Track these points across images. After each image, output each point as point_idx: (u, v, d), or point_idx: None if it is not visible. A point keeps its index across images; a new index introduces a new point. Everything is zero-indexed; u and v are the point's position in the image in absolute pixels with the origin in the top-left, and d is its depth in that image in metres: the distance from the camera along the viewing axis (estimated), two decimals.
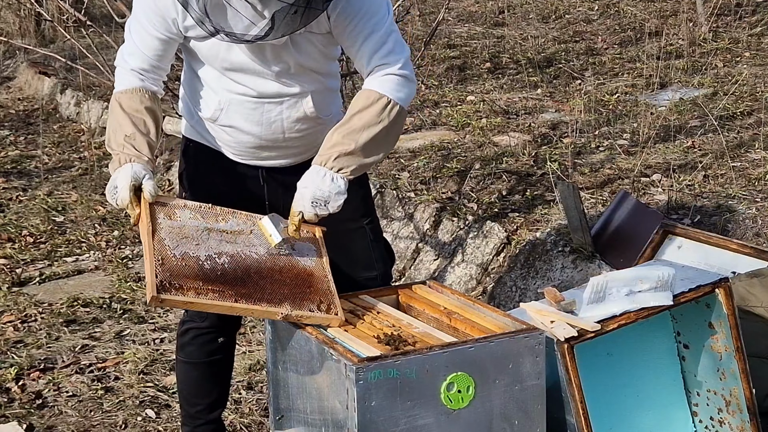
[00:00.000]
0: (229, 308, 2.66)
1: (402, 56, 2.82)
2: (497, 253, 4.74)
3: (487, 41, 8.38)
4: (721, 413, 3.14)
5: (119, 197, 2.73)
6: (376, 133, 2.76)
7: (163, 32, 2.85)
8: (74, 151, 7.84)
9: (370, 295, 2.97)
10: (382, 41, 2.80)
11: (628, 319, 2.85)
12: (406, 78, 2.82)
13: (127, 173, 2.73)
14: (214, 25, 2.71)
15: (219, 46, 2.82)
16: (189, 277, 2.63)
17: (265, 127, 2.95)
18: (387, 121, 2.77)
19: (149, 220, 2.70)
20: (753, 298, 3.44)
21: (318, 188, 2.73)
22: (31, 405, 3.98)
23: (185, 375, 3.30)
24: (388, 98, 2.78)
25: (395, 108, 2.78)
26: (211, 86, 2.94)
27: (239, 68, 2.86)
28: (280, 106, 2.93)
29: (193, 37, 2.85)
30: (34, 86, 9.73)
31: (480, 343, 2.60)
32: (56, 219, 6.28)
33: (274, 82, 2.88)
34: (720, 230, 4.36)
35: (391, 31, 2.82)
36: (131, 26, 2.90)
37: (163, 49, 2.88)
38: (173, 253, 2.66)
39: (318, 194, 2.73)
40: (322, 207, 2.74)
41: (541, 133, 5.98)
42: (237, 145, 3.01)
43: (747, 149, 5.34)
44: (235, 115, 2.94)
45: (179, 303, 2.65)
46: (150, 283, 2.58)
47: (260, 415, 3.84)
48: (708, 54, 7.25)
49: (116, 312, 4.84)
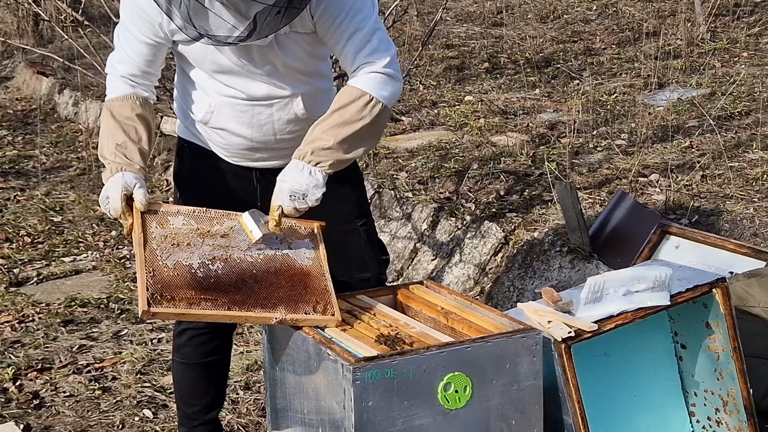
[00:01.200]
0: (222, 316, 2.66)
1: (387, 54, 2.81)
2: (495, 253, 4.74)
3: (485, 41, 8.38)
4: (719, 413, 3.14)
5: (111, 207, 2.75)
6: (356, 129, 2.76)
7: (151, 37, 2.84)
8: (72, 151, 7.84)
9: (367, 295, 2.97)
10: (367, 39, 2.80)
11: (625, 319, 2.85)
12: (390, 76, 2.81)
13: (118, 183, 2.74)
14: (198, 30, 2.71)
15: (206, 49, 2.82)
16: (181, 287, 2.63)
17: (256, 129, 2.95)
18: (368, 119, 2.77)
19: (141, 230, 2.71)
20: (751, 298, 3.44)
21: (296, 182, 2.73)
22: (28, 405, 3.98)
23: (182, 376, 3.29)
24: (370, 96, 2.77)
25: (377, 106, 2.78)
26: (202, 88, 2.94)
27: (228, 71, 2.86)
28: (270, 108, 2.93)
29: (180, 41, 2.85)
30: (32, 86, 9.73)
31: (477, 343, 2.60)
32: (54, 219, 6.28)
33: (264, 84, 2.88)
34: (717, 230, 4.36)
35: (375, 29, 2.81)
36: (119, 33, 2.90)
37: (152, 54, 2.88)
38: (165, 264, 2.66)
39: (296, 188, 2.73)
40: (300, 200, 2.74)
41: (539, 133, 5.98)
42: (229, 147, 3.01)
43: (745, 149, 5.34)
44: (226, 118, 2.94)
45: (171, 315, 2.66)
46: (141, 297, 2.57)
47: (258, 415, 3.84)
48: (706, 54, 7.25)
49: (114, 312, 4.83)
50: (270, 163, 3.04)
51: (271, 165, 3.04)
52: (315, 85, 2.98)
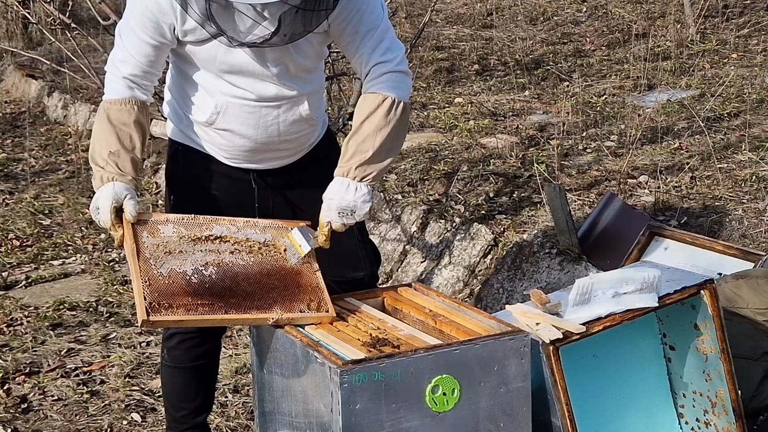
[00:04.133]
0: (220, 320, 2.70)
1: (399, 53, 2.89)
2: (484, 255, 4.74)
3: (475, 43, 8.39)
4: (707, 414, 3.14)
5: (101, 219, 2.77)
6: (388, 133, 2.83)
7: (156, 38, 2.82)
8: (61, 154, 7.81)
9: (355, 298, 2.97)
10: (380, 39, 2.86)
11: (613, 321, 2.85)
12: (404, 73, 2.89)
13: (109, 194, 2.74)
14: (219, 28, 2.70)
15: (217, 49, 2.81)
16: (178, 295, 2.65)
17: (261, 130, 2.95)
18: (395, 120, 2.84)
19: (133, 240, 2.72)
20: (739, 300, 3.44)
21: (343, 198, 2.81)
22: (16, 409, 3.96)
23: (170, 379, 3.28)
24: (392, 98, 2.84)
25: (400, 105, 2.85)
26: (207, 90, 2.92)
27: (238, 71, 2.85)
28: (277, 109, 2.94)
29: (190, 42, 2.83)
30: (21, 89, 9.70)
31: (465, 346, 2.59)
32: (43, 222, 6.26)
33: (274, 84, 2.89)
34: (706, 232, 4.37)
35: (387, 28, 2.89)
36: (122, 32, 2.88)
37: (155, 55, 2.87)
38: (159, 272, 2.68)
39: (343, 204, 2.81)
40: (349, 216, 2.83)
41: (528, 135, 5.98)
42: (231, 149, 3.00)
43: (734, 151, 5.35)
44: (232, 119, 2.93)
45: (171, 322, 2.70)
46: (139, 306, 2.60)
47: (246, 418, 3.83)
48: (695, 55, 7.27)
49: (102, 315, 4.82)
50: (269, 164, 3.04)
51: (270, 166, 3.04)
52: (315, 85, 3.02)
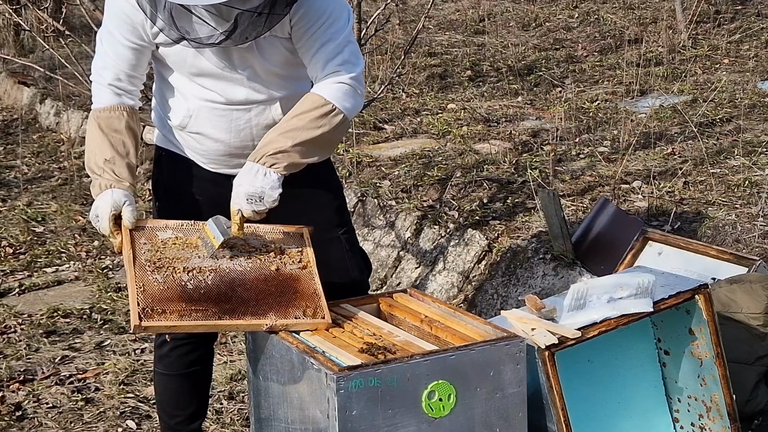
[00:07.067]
0: (213, 326, 2.70)
1: (356, 68, 2.84)
2: (478, 261, 4.75)
3: (467, 49, 8.39)
4: (702, 419, 3.14)
5: (100, 227, 2.78)
6: (314, 136, 2.78)
7: (135, 40, 2.85)
8: (54, 161, 7.79)
9: (351, 304, 2.96)
10: (338, 50, 2.82)
11: (608, 326, 2.85)
12: (355, 90, 2.84)
13: (108, 201, 2.76)
14: (180, 31, 2.72)
15: (186, 52, 2.83)
16: (172, 300, 2.66)
17: (234, 134, 2.95)
18: (327, 128, 2.79)
19: (130, 247, 2.73)
20: (733, 304, 3.45)
21: (251, 184, 2.75)
22: (10, 417, 3.95)
23: (164, 386, 3.28)
24: (333, 105, 2.79)
25: (338, 116, 2.80)
26: (181, 93, 2.94)
27: (207, 73, 2.87)
28: (248, 113, 2.93)
29: (161, 43, 2.85)
30: (13, 96, 9.68)
31: (461, 351, 2.60)
32: (36, 229, 6.25)
33: (243, 87, 2.89)
34: (700, 237, 4.38)
35: (348, 41, 2.84)
36: (102, 37, 2.90)
37: (136, 58, 2.88)
38: (155, 278, 2.68)
39: (251, 190, 2.74)
40: (258, 203, 2.75)
41: (521, 141, 5.99)
42: (207, 153, 3.01)
43: (726, 156, 5.37)
44: (204, 122, 2.94)
45: (163, 328, 2.69)
46: (132, 312, 2.61)
47: (242, 425, 3.82)
48: (687, 61, 7.29)
49: (96, 322, 4.81)
50: None
51: None
52: (293, 90, 2.97)
